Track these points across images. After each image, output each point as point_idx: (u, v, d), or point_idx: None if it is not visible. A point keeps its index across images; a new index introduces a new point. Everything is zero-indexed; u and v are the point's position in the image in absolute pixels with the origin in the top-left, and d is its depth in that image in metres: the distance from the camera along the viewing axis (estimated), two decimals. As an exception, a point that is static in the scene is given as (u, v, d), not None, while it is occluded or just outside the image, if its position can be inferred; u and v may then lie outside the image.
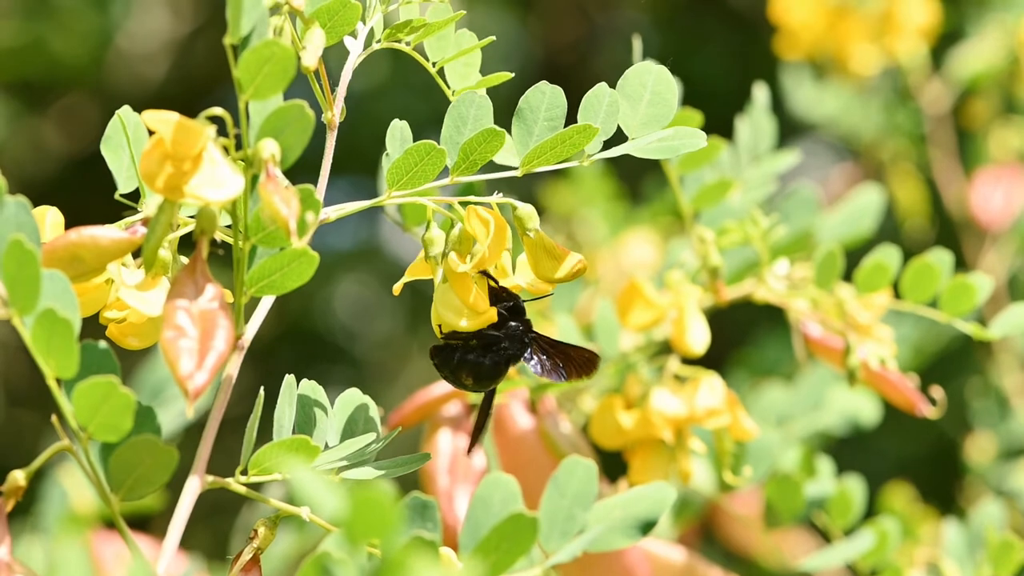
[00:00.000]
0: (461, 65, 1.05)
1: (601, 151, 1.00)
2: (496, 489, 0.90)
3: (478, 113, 1.00)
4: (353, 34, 1.01)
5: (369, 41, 1.03)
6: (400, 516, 0.83)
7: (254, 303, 0.96)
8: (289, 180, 0.91)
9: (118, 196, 0.99)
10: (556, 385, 1.31)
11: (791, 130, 2.26)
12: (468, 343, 1.03)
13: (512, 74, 1.03)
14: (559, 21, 3.36)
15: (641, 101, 1.02)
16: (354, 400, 1.01)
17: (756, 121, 1.39)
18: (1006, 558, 1.33)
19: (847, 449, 1.79)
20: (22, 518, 1.70)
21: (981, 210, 2.14)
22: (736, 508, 1.58)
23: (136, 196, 1.00)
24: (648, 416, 1.27)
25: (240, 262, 0.93)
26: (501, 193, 1.01)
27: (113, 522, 0.94)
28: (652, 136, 1.01)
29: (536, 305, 1.27)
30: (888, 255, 1.28)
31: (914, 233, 2.25)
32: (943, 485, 2.08)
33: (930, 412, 1.29)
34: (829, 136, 2.47)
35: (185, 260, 0.96)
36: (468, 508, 0.90)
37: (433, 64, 1.04)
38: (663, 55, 1.07)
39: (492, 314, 1.01)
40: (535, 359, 1.06)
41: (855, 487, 1.39)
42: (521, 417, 1.31)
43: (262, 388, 0.95)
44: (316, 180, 0.99)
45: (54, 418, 0.91)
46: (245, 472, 0.95)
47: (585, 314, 1.47)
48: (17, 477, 0.95)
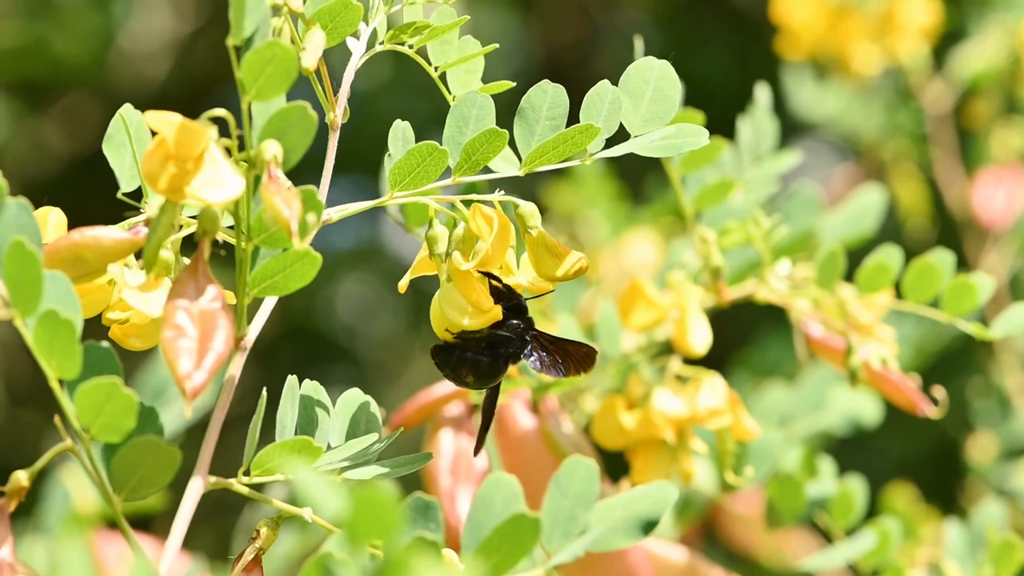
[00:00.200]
0: (463, 71, 1.05)
1: (603, 150, 1.00)
2: (498, 489, 0.90)
3: (480, 113, 0.99)
4: (355, 35, 1.01)
5: (372, 43, 1.03)
6: (402, 517, 0.83)
7: (257, 304, 0.96)
8: (291, 180, 0.91)
9: (120, 196, 0.99)
10: (558, 385, 1.31)
11: (792, 130, 2.26)
12: (470, 341, 1.03)
13: (514, 83, 1.03)
14: (560, 21, 3.36)
15: (643, 98, 1.02)
16: (356, 400, 1.00)
17: (758, 121, 1.39)
18: (1007, 558, 1.33)
19: (849, 449, 1.79)
20: (24, 518, 1.70)
21: (982, 210, 2.14)
22: (738, 508, 1.58)
23: (138, 195, 1.00)
24: (650, 416, 1.27)
25: (242, 263, 0.93)
26: (503, 191, 1.01)
27: (115, 522, 0.94)
28: (655, 134, 1.00)
29: (538, 304, 1.27)
30: (890, 255, 1.28)
31: (915, 233, 2.25)
32: (944, 485, 2.08)
33: (932, 412, 1.29)
34: (830, 136, 2.47)
35: (187, 261, 0.96)
36: (470, 509, 0.90)
37: (435, 68, 1.04)
38: (664, 55, 1.07)
39: (496, 312, 1.01)
40: (534, 356, 1.06)
41: (857, 487, 1.39)
42: (523, 417, 1.31)
43: (264, 389, 0.95)
44: (318, 179, 0.99)
45: (56, 419, 0.91)
46: (248, 473, 0.95)
47: (587, 314, 1.47)
48: (20, 478, 0.95)
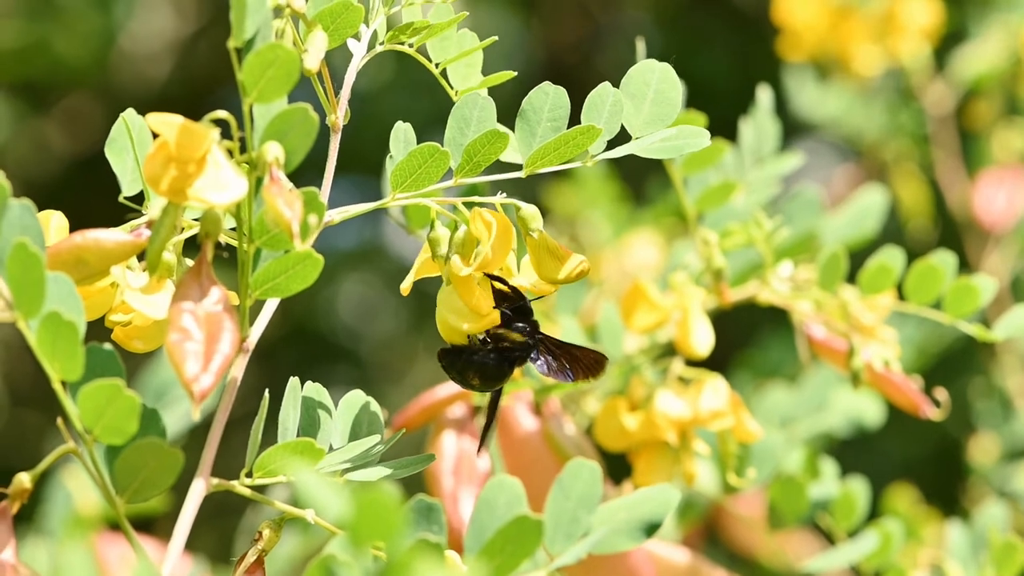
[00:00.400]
0: (463, 66, 1.04)
1: (605, 151, 1.00)
2: (501, 491, 0.89)
3: (481, 115, 0.99)
4: (356, 36, 1.01)
5: (372, 43, 1.03)
6: (405, 518, 0.83)
7: (259, 305, 0.96)
8: (293, 181, 0.91)
9: (122, 199, 0.99)
10: (561, 387, 1.31)
11: (794, 131, 2.26)
12: (476, 344, 1.03)
13: (515, 73, 1.02)
14: (562, 21, 3.36)
15: (645, 100, 1.02)
16: (358, 402, 1.00)
17: (760, 123, 1.39)
18: (1009, 559, 1.33)
19: (851, 450, 1.79)
20: (26, 520, 1.70)
21: (984, 211, 2.14)
22: (740, 509, 1.58)
23: (140, 198, 1.00)
24: (652, 418, 1.27)
25: (244, 265, 0.93)
26: (505, 193, 1.01)
27: (118, 524, 0.94)
28: (656, 136, 1.00)
29: (540, 306, 1.27)
30: (892, 257, 1.28)
31: (917, 234, 2.25)
32: (946, 486, 2.08)
33: (934, 414, 1.29)
34: (832, 137, 2.47)
35: (190, 263, 0.96)
36: (473, 510, 0.90)
37: (436, 65, 1.04)
38: (666, 56, 1.06)
39: (495, 316, 1.01)
40: (541, 360, 1.06)
41: (859, 488, 1.39)
42: (525, 419, 1.31)
43: (267, 390, 0.95)
44: (319, 179, 0.98)
45: (59, 420, 0.91)
46: (250, 474, 0.95)
47: (589, 316, 1.47)
48: (23, 479, 0.95)
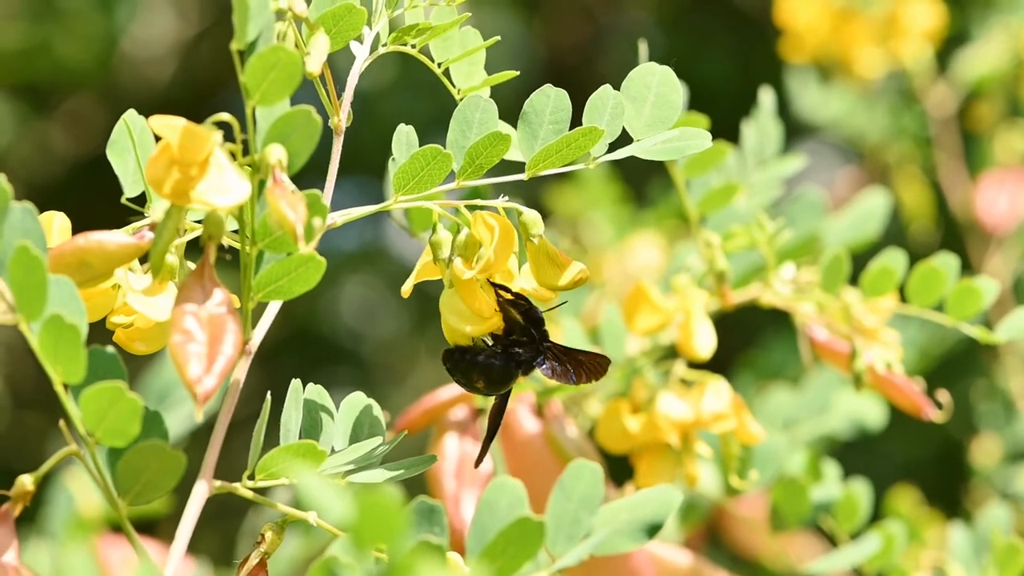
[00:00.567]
0: (466, 65, 1.05)
1: (607, 153, 1.00)
2: (503, 493, 0.90)
3: (483, 117, 0.99)
4: (359, 39, 1.01)
5: (375, 45, 1.03)
6: (407, 520, 0.83)
7: (261, 307, 0.96)
8: (295, 182, 0.91)
9: (124, 200, 0.99)
10: (563, 389, 1.31)
11: (796, 132, 2.26)
12: (481, 346, 1.03)
13: (517, 72, 1.02)
14: (564, 22, 3.36)
15: (646, 103, 1.02)
16: (360, 404, 1.00)
17: (762, 125, 1.39)
18: (1012, 561, 1.33)
19: (853, 452, 1.79)
20: (28, 522, 1.70)
21: (986, 213, 2.14)
22: (742, 511, 1.58)
23: (142, 199, 1.00)
24: (654, 420, 1.27)
25: (247, 267, 0.93)
26: (507, 197, 1.01)
27: (120, 526, 0.94)
28: (657, 138, 1.00)
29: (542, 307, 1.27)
30: (894, 259, 1.28)
31: (919, 236, 2.25)
32: (949, 488, 2.08)
33: (936, 416, 1.29)
34: (834, 139, 2.47)
35: (192, 265, 0.96)
36: (475, 512, 0.90)
37: (439, 65, 1.04)
38: (668, 57, 1.07)
39: (497, 319, 1.01)
40: (547, 364, 1.06)
41: (861, 491, 1.39)
42: (527, 421, 1.31)
43: (269, 393, 0.95)
44: (322, 181, 0.98)
45: (62, 423, 0.91)
46: (252, 477, 0.95)
47: (591, 318, 1.47)
48: (25, 482, 0.95)
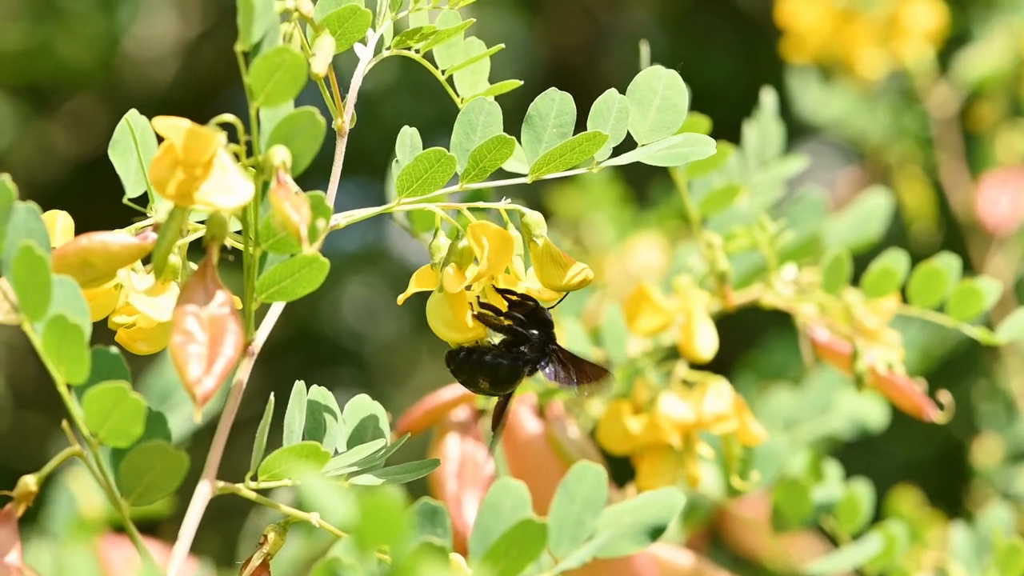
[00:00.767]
0: (470, 73, 1.04)
1: (611, 158, 1.00)
2: (506, 495, 0.90)
3: (488, 120, 0.99)
4: (363, 41, 1.01)
5: (379, 48, 1.03)
6: (409, 522, 0.83)
7: (264, 309, 0.96)
8: (298, 184, 0.91)
9: (126, 200, 0.99)
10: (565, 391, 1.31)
11: (798, 133, 2.26)
12: (486, 346, 1.03)
13: (520, 82, 1.02)
14: (566, 23, 3.36)
15: (651, 107, 1.02)
16: (364, 405, 1.00)
17: (764, 126, 1.39)
18: (1013, 562, 1.33)
19: (854, 453, 1.79)
20: (30, 522, 1.70)
21: (988, 213, 2.14)
22: (744, 512, 1.58)
23: (144, 200, 1.00)
24: (656, 421, 1.27)
25: (250, 268, 0.93)
26: (510, 199, 1.01)
27: (122, 527, 0.94)
28: (662, 143, 1.00)
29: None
30: (895, 260, 1.28)
31: (921, 236, 2.25)
32: (950, 488, 2.08)
33: (937, 416, 1.29)
34: (836, 139, 2.47)
35: (195, 266, 0.96)
36: (478, 514, 0.90)
37: (442, 71, 1.04)
38: (670, 58, 1.06)
39: (480, 331, 1.02)
40: (550, 368, 1.06)
41: (863, 491, 1.39)
42: (529, 422, 1.31)
43: (272, 394, 0.95)
44: (324, 182, 0.99)
45: (64, 423, 0.91)
46: (255, 478, 0.95)
47: (593, 318, 1.47)
48: (28, 482, 0.95)
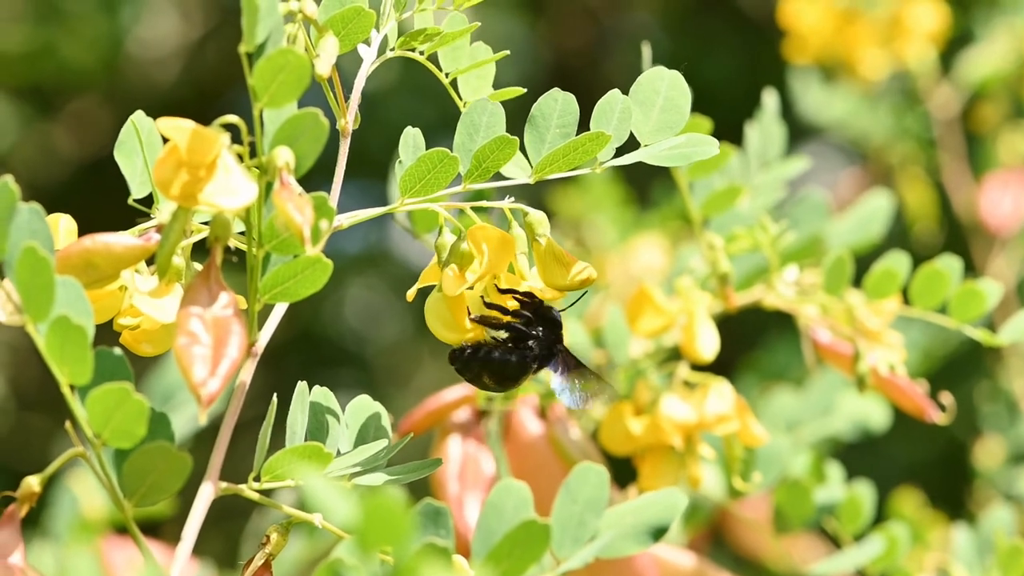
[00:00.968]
0: (474, 77, 1.04)
1: (613, 158, 1.00)
2: (508, 496, 0.90)
3: (491, 120, 0.99)
4: (367, 42, 1.01)
5: (383, 49, 1.03)
6: (412, 523, 0.83)
7: (267, 309, 0.96)
8: (301, 185, 0.91)
9: (131, 201, 0.99)
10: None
11: (800, 133, 2.26)
12: (490, 343, 1.03)
13: (524, 90, 1.03)
14: (568, 25, 3.36)
15: (654, 107, 1.02)
16: (366, 406, 1.01)
17: (766, 127, 1.39)
18: (1015, 563, 1.33)
19: (856, 454, 1.79)
20: (32, 523, 1.70)
21: (990, 215, 2.14)
22: (746, 513, 1.58)
23: (149, 200, 1.00)
24: (658, 422, 1.27)
25: (254, 269, 0.93)
26: (513, 198, 1.01)
27: (125, 528, 0.94)
28: (665, 143, 1.00)
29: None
30: (897, 261, 1.28)
31: (923, 237, 2.25)
32: (952, 490, 2.08)
33: (939, 418, 1.29)
34: (838, 140, 2.47)
35: (199, 267, 0.96)
36: (480, 515, 0.90)
37: (446, 75, 1.05)
38: (672, 59, 1.06)
39: (478, 332, 1.02)
40: (556, 367, 1.06)
41: (864, 492, 1.39)
42: (531, 423, 1.31)
43: (275, 395, 0.95)
44: (327, 183, 0.99)
45: (67, 424, 0.91)
46: (258, 478, 0.95)
47: (595, 319, 1.47)
48: (31, 483, 0.96)
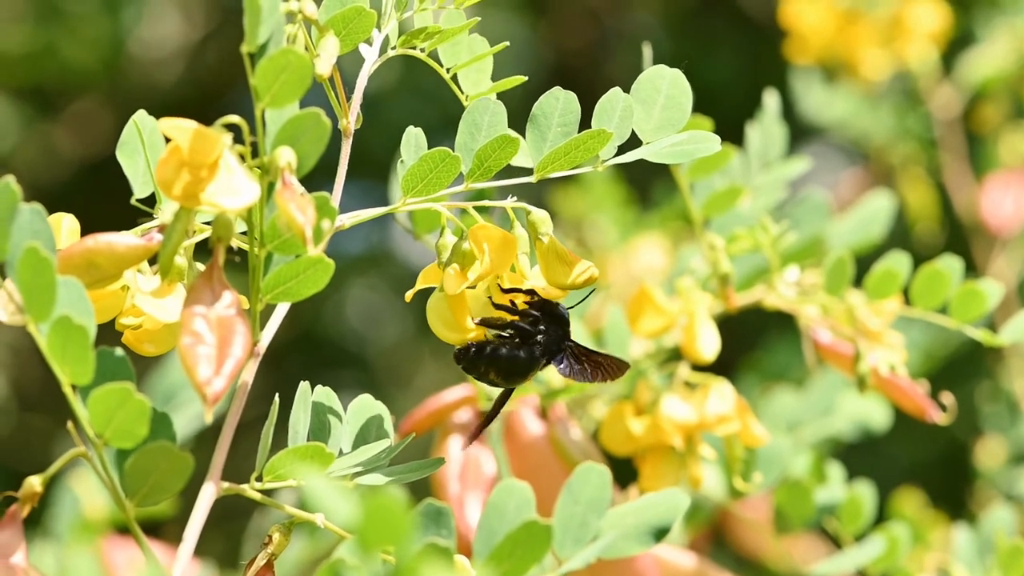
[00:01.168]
0: (474, 71, 1.05)
1: (615, 156, 1.00)
2: (510, 496, 0.90)
3: (492, 119, 1.00)
4: (368, 41, 1.01)
5: (384, 48, 1.03)
6: (413, 523, 0.83)
7: (269, 309, 0.97)
8: (303, 185, 0.91)
9: (134, 201, 0.99)
10: (568, 391, 1.31)
11: (801, 134, 2.26)
12: (502, 338, 1.03)
13: (525, 78, 1.02)
14: (569, 25, 3.36)
15: (655, 105, 1.02)
16: (368, 407, 1.00)
17: (767, 127, 1.39)
18: (1016, 563, 1.33)
19: (857, 454, 1.79)
20: (33, 523, 1.70)
21: (991, 215, 2.14)
22: (746, 514, 1.58)
23: (151, 201, 1.00)
24: (658, 422, 1.27)
25: (256, 269, 0.93)
26: (515, 198, 1.01)
27: (126, 528, 0.94)
28: (666, 141, 1.00)
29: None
30: (898, 262, 1.28)
31: (924, 237, 2.25)
32: (953, 490, 2.08)
33: (940, 418, 1.29)
34: (839, 140, 2.47)
35: (201, 267, 0.96)
36: (482, 515, 0.90)
37: (447, 70, 1.05)
38: (673, 59, 1.07)
39: (479, 332, 1.02)
40: (565, 363, 1.06)
41: (865, 492, 1.39)
42: (532, 423, 1.31)
43: (277, 395, 0.95)
44: (329, 183, 0.99)
45: (69, 424, 0.91)
46: (260, 478, 0.95)
47: (596, 320, 1.47)
48: (33, 483, 0.96)
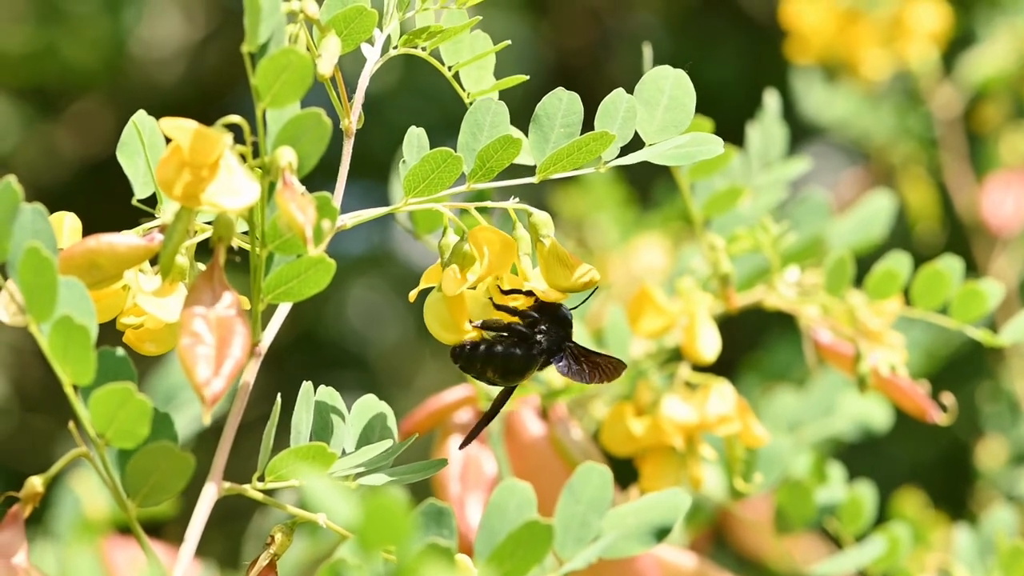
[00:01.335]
0: (476, 69, 1.04)
1: (618, 158, 1.00)
2: (511, 496, 0.90)
3: (494, 120, 0.99)
4: (370, 41, 1.01)
5: (386, 48, 1.03)
6: (414, 523, 0.83)
7: (270, 310, 0.97)
8: (304, 185, 0.91)
9: (135, 202, 1.00)
10: (568, 391, 1.31)
11: (802, 134, 2.26)
12: (500, 336, 1.03)
13: (527, 77, 1.02)
14: (571, 25, 3.36)
15: (658, 107, 1.02)
16: (370, 407, 1.00)
17: (767, 128, 1.39)
18: (1017, 563, 1.33)
19: (858, 455, 1.79)
20: (34, 523, 1.70)
21: (992, 215, 2.14)
22: (747, 514, 1.58)
23: (152, 201, 1.00)
24: (659, 423, 1.27)
25: (257, 269, 0.93)
26: (517, 199, 1.01)
27: (127, 528, 0.94)
28: (669, 143, 1.00)
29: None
30: (898, 262, 1.28)
31: (924, 237, 2.25)
32: (954, 490, 2.08)
33: (941, 418, 1.29)
34: (840, 140, 2.47)
35: (202, 267, 0.96)
36: (483, 515, 0.90)
37: (449, 68, 1.05)
38: (675, 60, 1.06)
39: (474, 334, 1.02)
40: (564, 363, 1.06)
41: (866, 493, 1.39)
42: (532, 424, 1.31)
43: (279, 395, 0.95)
44: (330, 184, 0.99)
45: (71, 424, 0.91)
46: (262, 478, 0.95)
47: (596, 320, 1.47)
48: (35, 483, 0.96)
